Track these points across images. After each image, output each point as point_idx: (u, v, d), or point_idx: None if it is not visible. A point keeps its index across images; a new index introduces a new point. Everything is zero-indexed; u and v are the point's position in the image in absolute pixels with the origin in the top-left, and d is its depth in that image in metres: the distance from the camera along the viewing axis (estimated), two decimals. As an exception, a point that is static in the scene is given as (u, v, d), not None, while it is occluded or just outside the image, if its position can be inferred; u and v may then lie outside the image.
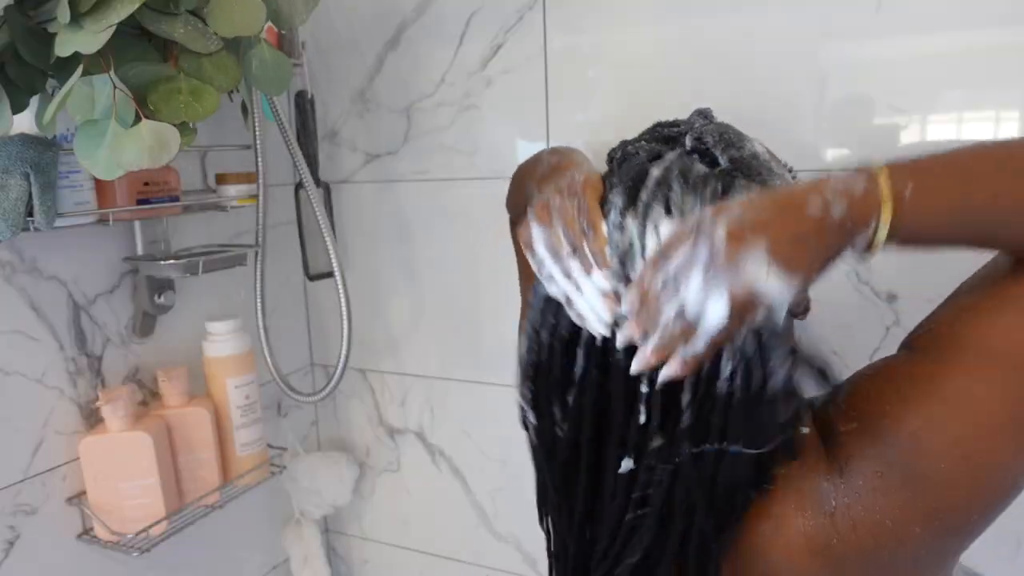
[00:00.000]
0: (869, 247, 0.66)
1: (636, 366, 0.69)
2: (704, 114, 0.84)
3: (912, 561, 0.72)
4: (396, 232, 1.63)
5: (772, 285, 0.63)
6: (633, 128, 0.90)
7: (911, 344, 0.76)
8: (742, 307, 0.63)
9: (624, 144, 0.83)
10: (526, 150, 1.44)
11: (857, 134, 1.19)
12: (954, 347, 0.70)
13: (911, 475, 0.68)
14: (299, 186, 1.58)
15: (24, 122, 1.03)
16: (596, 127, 1.37)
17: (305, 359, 1.81)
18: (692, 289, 0.64)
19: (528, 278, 1.00)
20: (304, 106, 1.57)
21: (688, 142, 0.79)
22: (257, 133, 1.37)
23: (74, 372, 1.27)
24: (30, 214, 1.05)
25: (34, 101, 1.01)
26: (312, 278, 1.63)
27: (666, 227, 0.69)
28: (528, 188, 0.96)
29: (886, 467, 0.69)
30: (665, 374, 0.68)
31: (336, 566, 1.91)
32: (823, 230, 0.64)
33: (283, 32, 1.42)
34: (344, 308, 1.45)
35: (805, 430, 0.75)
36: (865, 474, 0.70)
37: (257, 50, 1.10)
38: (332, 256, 1.43)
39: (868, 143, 1.18)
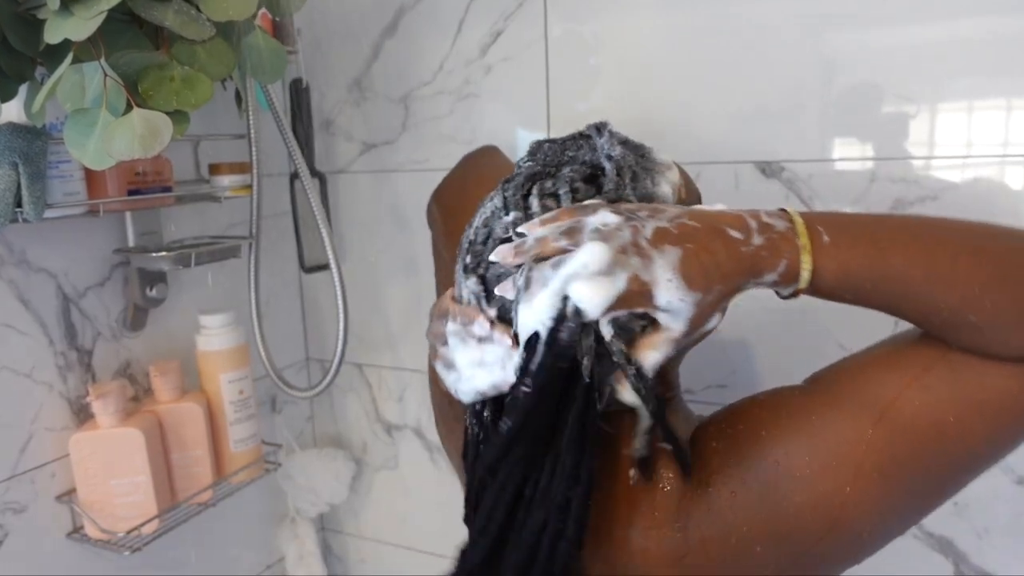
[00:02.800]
0: (789, 286, 0.71)
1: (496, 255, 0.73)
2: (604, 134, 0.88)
3: None
4: (393, 223, 1.63)
5: (668, 292, 0.67)
6: (635, 116, 0.91)
7: (810, 380, 0.80)
8: (629, 296, 0.67)
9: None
10: (526, 139, 1.44)
11: (864, 124, 1.19)
12: (839, 391, 0.74)
13: (765, 499, 0.72)
14: (294, 176, 1.59)
15: (12, 111, 1.03)
16: (598, 116, 1.36)
17: (300, 353, 1.81)
18: (588, 253, 0.68)
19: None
20: (299, 94, 1.57)
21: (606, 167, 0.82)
22: (251, 122, 1.37)
23: (64, 367, 1.27)
24: (18, 205, 1.05)
25: (23, 89, 1.01)
26: (307, 270, 1.64)
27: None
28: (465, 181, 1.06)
29: (742, 487, 0.73)
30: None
31: (332, 565, 1.91)
32: (736, 257, 0.69)
33: (278, 19, 1.42)
34: (340, 301, 1.45)
35: (667, 446, 0.78)
36: (721, 492, 0.74)
37: (251, 37, 1.10)
38: (328, 248, 1.44)
39: (876, 133, 1.18)
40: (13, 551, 1.22)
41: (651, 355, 0.71)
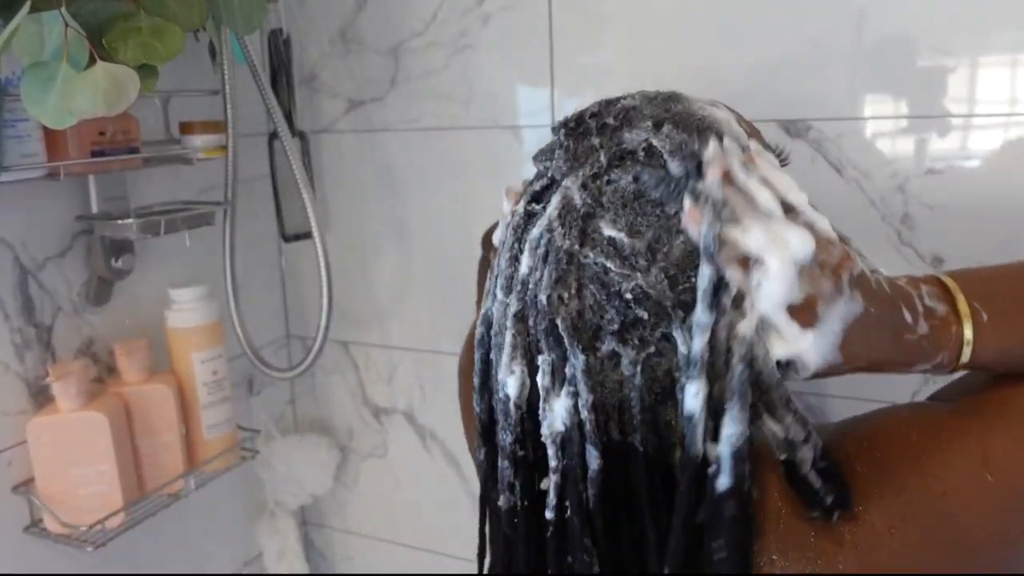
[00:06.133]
0: (939, 373, 0.71)
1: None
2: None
3: None
4: (382, 187, 1.64)
5: (822, 340, 0.65)
6: (646, 74, 0.90)
7: (952, 399, 0.78)
8: (795, 311, 0.64)
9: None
10: (527, 96, 1.44)
11: (898, 79, 1.19)
12: (1014, 413, 0.72)
13: (932, 539, 0.68)
14: (273, 136, 1.59)
15: (-36, 64, 1.04)
16: (606, 71, 1.37)
17: (280, 330, 1.82)
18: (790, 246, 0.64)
19: None
20: (279, 46, 1.57)
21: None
22: (226, 77, 1.37)
23: (21, 345, 1.28)
24: (-29, 167, 1.06)
25: (-25, 41, 1.02)
26: (288, 239, 1.64)
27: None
28: None
29: (903, 523, 0.68)
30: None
31: (315, 562, 1.93)
32: (900, 347, 0.68)
33: (254, -38, 1.42)
34: (324, 273, 1.46)
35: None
36: (876, 526, 0.69)
37: (225, -17, 1.10)
38: (310, 214, 1.44)
39: (910, 89, 1.18)
40: (-33, 545, 1.23)
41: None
